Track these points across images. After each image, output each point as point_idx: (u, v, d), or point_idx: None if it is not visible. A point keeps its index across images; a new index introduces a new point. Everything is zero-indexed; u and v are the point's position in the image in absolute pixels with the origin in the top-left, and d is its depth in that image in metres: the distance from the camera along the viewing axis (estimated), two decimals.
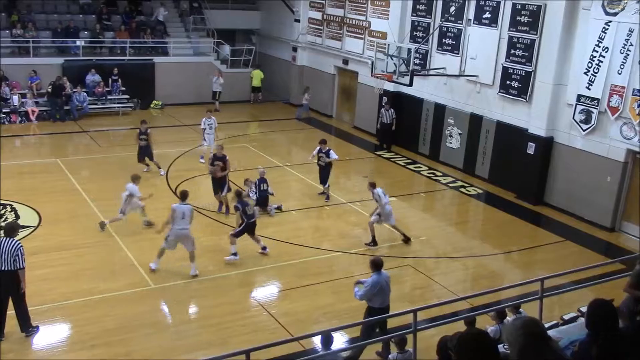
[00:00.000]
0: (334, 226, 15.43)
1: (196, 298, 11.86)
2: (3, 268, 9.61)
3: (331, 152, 16.77)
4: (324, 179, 16.86)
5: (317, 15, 26.55)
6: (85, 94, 24.03)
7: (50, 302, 11.07)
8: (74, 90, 23.74)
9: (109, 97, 24.87)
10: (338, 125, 25.26)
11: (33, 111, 23.08)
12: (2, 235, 9.97)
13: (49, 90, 23.50)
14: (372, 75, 19.94)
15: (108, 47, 26.24)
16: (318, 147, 16.83)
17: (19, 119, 22.82)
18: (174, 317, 11.31)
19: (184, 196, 12.53)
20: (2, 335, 9.95)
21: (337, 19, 25.31)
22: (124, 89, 25.15)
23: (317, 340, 9.68)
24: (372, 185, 14.19)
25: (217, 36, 28.15)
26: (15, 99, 22.99)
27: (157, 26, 27.44)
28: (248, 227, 13.04)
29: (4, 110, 22.71)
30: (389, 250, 14.10)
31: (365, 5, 23.77)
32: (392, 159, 21.08)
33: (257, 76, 28.14)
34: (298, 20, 27.39)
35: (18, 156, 19.18)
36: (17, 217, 14.56)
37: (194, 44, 27.87)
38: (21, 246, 9.79)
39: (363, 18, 23.95)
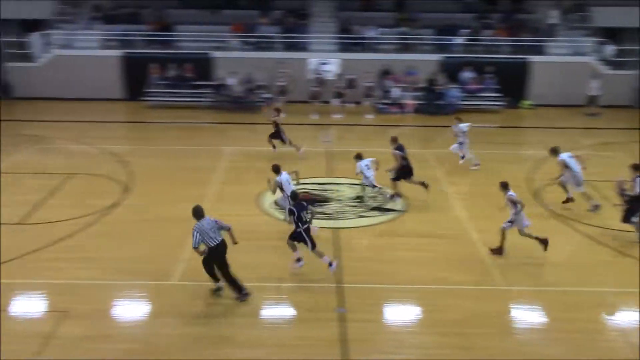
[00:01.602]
0: None
1: (544, 308, 11.32)
2: (215, 242, 10.77)
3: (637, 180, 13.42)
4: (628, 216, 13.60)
5: None
6: (458, 90, 24.87)
7: (403, 283, 11.79)
8: (448, 86, 24.75)
9: (480, 94, 25.29)
10: None
11: (410, 104, 24.74)
12: (197, 220, 10.80)
13: (425, 85, 24.94)
14: None
15: (485, 44, 26.57)
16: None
17: (397, 110, 24.67)
18: (520, 322, 11.00)
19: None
20: (244, 291, 11.05)
21: None
22: (496, 86, 25.26)
23: None
24: (504, 187, 12.61)
25: (600, 35, 26.30)
26: (396, 92, 24.94)
27: (539, 26, 26.87)
28: (300, 235, 11.82)
29: (384, 101, 24.85)
30: None
31: None
32: None
33: None
34: None
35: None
36: (387, 201, 15.75)
37: (574, 43, 26.49)
38: (213, 219, 10.87)
39: None
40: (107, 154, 19.21)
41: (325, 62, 25.49)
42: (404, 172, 15.57)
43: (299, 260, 12.13)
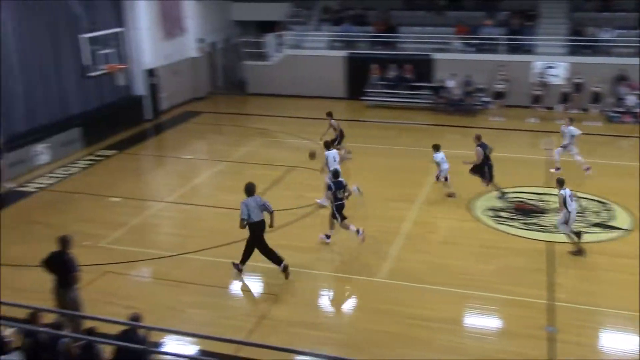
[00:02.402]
0: None
1: None
2: (256, 219, 11.52)
3: None
4: None
5: None
6: None
7: (622, 309, 10.78)
8: None
9: None
10: None
11: None
12: (247, 196, 11.65)
13: None
14: None
15: None
16: None
17: (631, 119, 22.58)
18: None
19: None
20: (282, 262, 11.85)
21: None
22: None
23: None
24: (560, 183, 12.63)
25: None
26: (631, 99, 22.83)
27: None
28: (337, 209, 12.98)
29: (617, 109, 22.89)
30: None
31: None
32: None
33: None
34: None
35: (625, 157, 19.05)
36: (612, 217, 14.55)
37: None
38: (262, 199, 11.77)
39: None
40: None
41: (552, 65, 24.15)
42: (482, 171, 15.44)
43: (328, 237, 13.37)
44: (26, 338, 7.82)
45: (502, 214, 14.84)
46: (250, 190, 11.72)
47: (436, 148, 15.64)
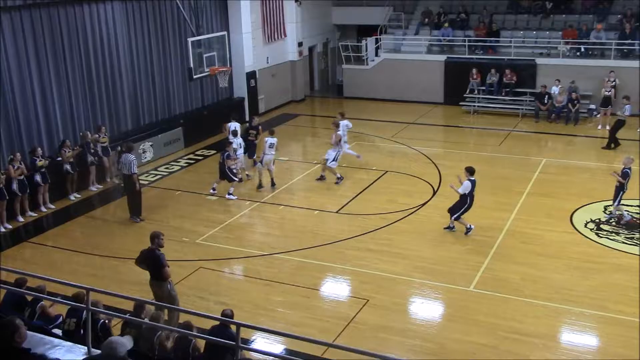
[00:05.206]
0: None
1: None
2: (124, 172, 14.85)
3: None
4: None
5: None
6: None
7: None
8: None
9: None
10: None
11: None
12: (123, 151, 15.08)
13: None
14: None
15: None
16: None
17: None
18: None
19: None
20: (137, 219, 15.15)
21: None
22: None
23: None
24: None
25: None
26: None
27: None
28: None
29: None
30: None
31: None
32: None
33: None
34: None
35: None
36: None
37: None
38: (134, 159, 14.87)
39: None
40: (421, 155, 19.84)
41: None
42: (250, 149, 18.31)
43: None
44: (129, 328, 8.19)
45: (605, 227, 14.13)
46: (128, 147, 15.01)
47: (234, 134, 17.66)
